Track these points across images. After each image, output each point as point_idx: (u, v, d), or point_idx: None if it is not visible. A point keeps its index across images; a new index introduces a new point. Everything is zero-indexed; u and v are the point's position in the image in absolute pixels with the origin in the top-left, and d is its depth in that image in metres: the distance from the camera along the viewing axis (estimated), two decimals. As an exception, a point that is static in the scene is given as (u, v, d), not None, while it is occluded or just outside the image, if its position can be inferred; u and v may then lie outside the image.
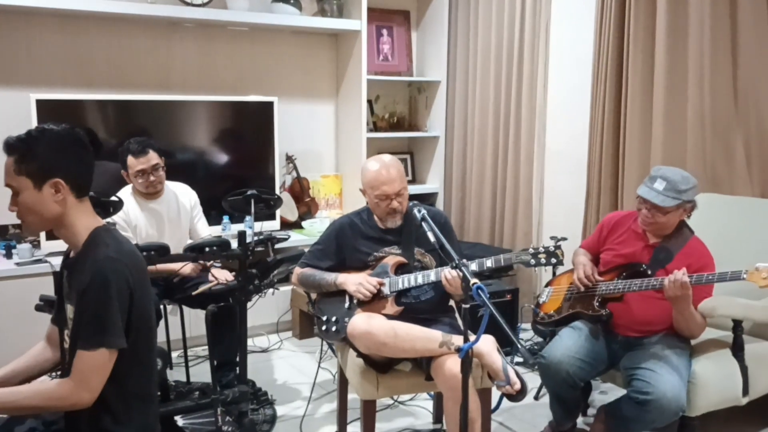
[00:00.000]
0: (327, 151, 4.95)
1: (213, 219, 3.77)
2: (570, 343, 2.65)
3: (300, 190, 4.69)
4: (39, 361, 1.92)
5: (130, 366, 1.71)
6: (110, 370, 1.64)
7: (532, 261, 2.42)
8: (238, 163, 4.34)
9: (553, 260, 2.41)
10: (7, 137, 1.70)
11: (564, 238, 2.92)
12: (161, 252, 2.69)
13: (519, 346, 1.81)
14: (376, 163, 2.62)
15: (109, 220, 3.03)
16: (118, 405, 1.70)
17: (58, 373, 2.88)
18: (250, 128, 4.36)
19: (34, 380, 1.91)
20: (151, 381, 1.82)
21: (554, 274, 3.10)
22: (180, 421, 3.04)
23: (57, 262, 3.55)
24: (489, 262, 2.44)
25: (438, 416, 3.08)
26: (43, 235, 3.68)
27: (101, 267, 1.63)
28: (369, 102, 4.88)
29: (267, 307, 4.04)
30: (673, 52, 3.41)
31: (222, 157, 4.30)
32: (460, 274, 2.00)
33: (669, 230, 2.63)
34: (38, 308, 2.57)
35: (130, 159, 3.20)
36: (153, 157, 3.22)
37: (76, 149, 1.72)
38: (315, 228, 4.49)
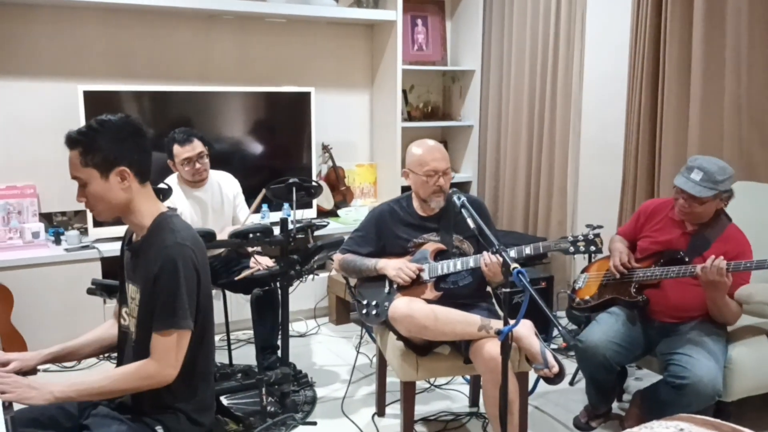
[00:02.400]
0: (362, 141, 5.01)
1: (251, 207, 3.85)
2: (607, 328, 2.69)
3: (336, 179, 4.77)
4: (109, 335, 2.02)
5: (198, 346, 1.80)
6: (187, 346, 1.74)
7: (571, 249, 2.45)
8: (275, 153, 4.42)
9: (592, 248, 2.44)
10: (68, 132, 1.75)
11: (600, 226, 2.94)
12: (207, 238, 2.78)
13: (558, 326, 1.85)
14: (422, 145, 2.71)
15: (170, 205, 3.14)
16: (181, 384, 1.78)
17: (108, 355, 3.00)
18: (287, 118, 4.44)
19: (100, 352, 2.03)
20: (210, 360, 1.92)
21: (590, 260, 3.13)
22: (224, 401, 3.14)
23: (105, 248, 3.69)
24: (528, 250, 2.48)
25: (474, 400, 3.14)
26: (90, 222, 3.82)
27: (171, 253, 1.72)
28: (403, 92, 4.93)
29: (305, 293, 4.14)
30: (710, 38, 3.40)
31: (259, 147, 4.39)
32: (500, 259, 2.05)
33: (706, 218, 2.65)
34: (90, 292, 2.69)
35: (176, 148, 3.30)
36: (198, 146, 3.32)
37: (135, 137, 1.79)
38: (350, 216, 4.57)
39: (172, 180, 3.41)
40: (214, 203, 3.51)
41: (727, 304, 2.52)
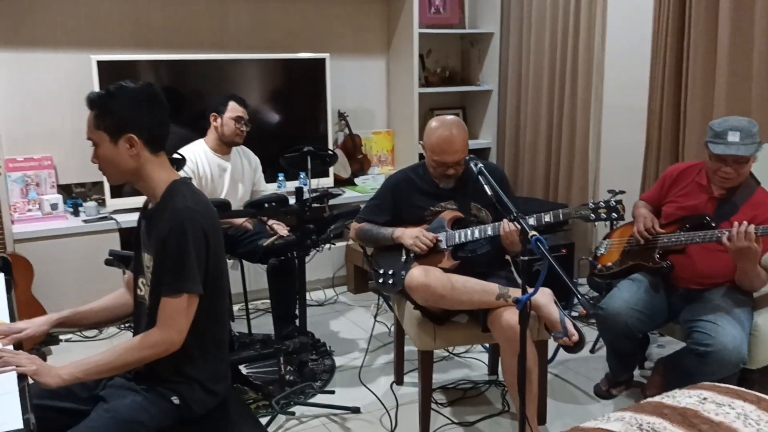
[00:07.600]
0: (378, 108, 4.94)
1: (267, 176, 3.83)
2: (629, 295, 2.63)
3: (352, 147, 4.72)
4: (119, 303, 2.02)
5: (208, 314, 1.78)
6: (194, 313, 1.73)
7: (592, 216, 2.39)
8: (291, 121, 4.37)
9: (614, 215, 2.38)
10: (90, 92, 1.78)
11: (622, 192, 2.85)
12: (222, 208, 2.77)
13: (578, 295, 1.81)
14: (443, 128, 2.56)
15: (183, 174, 3.13)
16: (195, 350, 1.78)
17: (129, 325, 3.01)
18: (302, 86, 4.38)
19: (111, 320, 2.04)
20: (225, 328, 1.90)
21: (612, 227, 3.06)
22: (243, 370, 3.16)
23: (122, 219, 3.70)
24: (547, 217, 2.42)
25: (493, 368, 3.12)
26: (108, 193, 3.82)
27: (179, 216, 1.71)
28: (421, 56, 4.84)
29: (323, 263, 4.12)
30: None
31: (275, 115, 4.34)
32: (518, 226, 2.00)
33: (743, 179, 2.56)
34: (107, 263, 2.70)
35: (233, 104, 3.40)
36: (246, 113, 3.45)
37: (150, 105, 1.77)
38: (368, 185, 4.53)
39: (195, 146, 3.42)
40: (235, 173, 3.50)
41: (759, 274, 2.45)
